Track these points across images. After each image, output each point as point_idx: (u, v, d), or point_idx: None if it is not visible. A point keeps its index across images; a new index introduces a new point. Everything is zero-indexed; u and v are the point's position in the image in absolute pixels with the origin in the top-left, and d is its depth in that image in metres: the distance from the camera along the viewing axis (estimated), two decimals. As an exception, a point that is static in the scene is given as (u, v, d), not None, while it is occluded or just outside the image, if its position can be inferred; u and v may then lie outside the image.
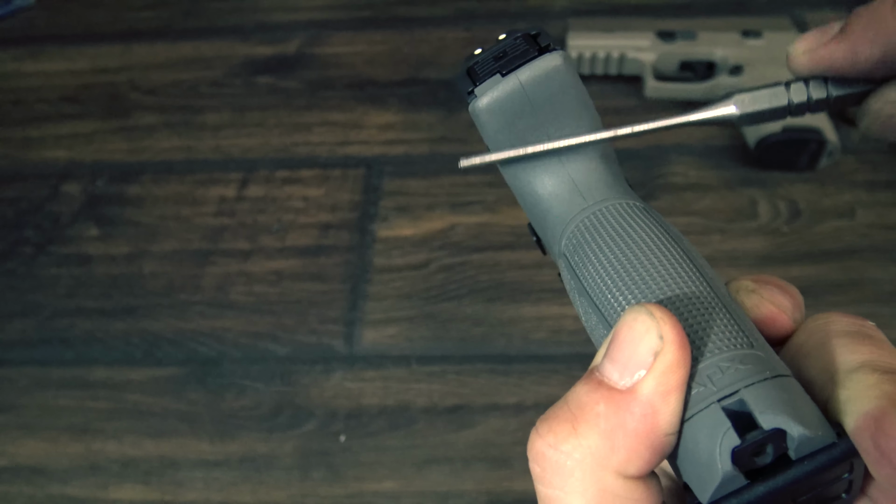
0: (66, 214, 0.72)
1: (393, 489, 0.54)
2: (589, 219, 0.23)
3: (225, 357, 0.61)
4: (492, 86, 0.23)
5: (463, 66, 0.25)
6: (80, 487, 0.56)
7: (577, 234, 0.22)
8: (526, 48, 0.23)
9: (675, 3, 0.85)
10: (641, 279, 0.19)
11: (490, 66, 0.24)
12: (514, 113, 0.23)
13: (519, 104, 0.23)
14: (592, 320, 0.21)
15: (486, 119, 0.23)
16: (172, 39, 0.88)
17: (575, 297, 0.22)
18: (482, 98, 0.23)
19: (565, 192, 0.24)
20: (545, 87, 0.23)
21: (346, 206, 0.70)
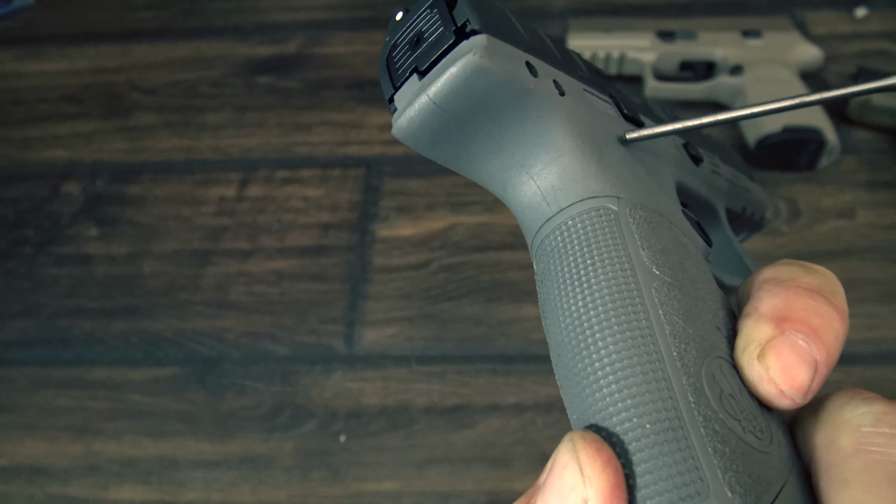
0: (66, 214, 0.72)
1: (393, 489, 0.54)
2: (554, 234, 0.19)
3: (225, 357, 0.61)
4: (409, 96, 0.19)
5: (383, 50, 0.20)
6: (79, 487, 0.56)
7: (542, 255, 0.19)
8: (441, 28, 0.18)
9: (675, 3, 0.85)
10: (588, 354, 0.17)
11: (407, 55, 0.19)
12: (439, 130, 0.19)
13: (439, 120, 0.19)
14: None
15: (413, 144, 0.19)
16: (172, 39, 0.88)
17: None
18: (398, 119, 0.19)
19: (529, 198, 0.20)
20: (465, 94, 0.18)
21: (346, 206, 0.70)
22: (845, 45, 0.79)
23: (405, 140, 0.19)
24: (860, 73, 0.70)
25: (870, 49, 0.78)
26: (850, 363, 0.56)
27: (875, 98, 0.68)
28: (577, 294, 0.17)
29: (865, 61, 0.76)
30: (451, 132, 0.19)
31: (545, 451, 0.54)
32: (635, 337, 0.16)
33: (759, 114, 0.19)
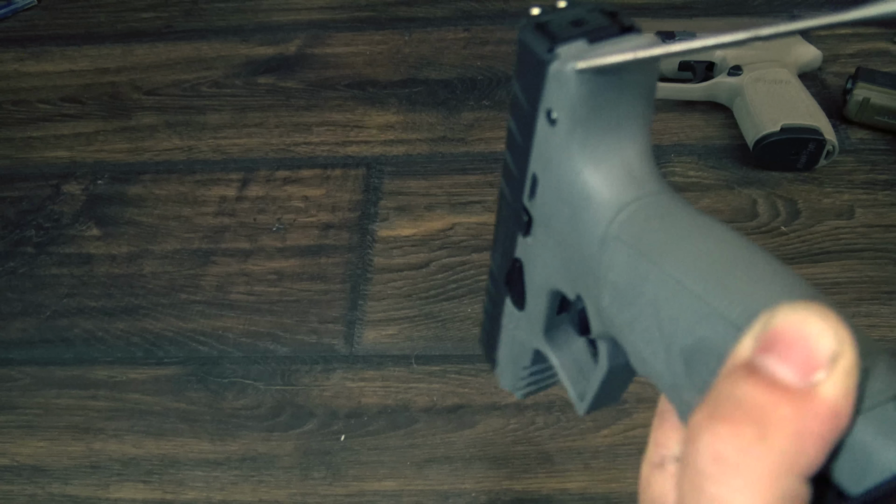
0: (67, 214, 0.73)
1: (393, 489, 0.54)
2: (647, 207, 0.22)
3: (225, 357, 0.62)
4: (580, 50, 0.21)
5: (528, 22, 0.23)
6: (80, 487, 0.56)
7: (637, 220, 0.21)
8: (607, 23, 0.22)
9: (675, 3, 0.85)
10: (757, 270, 0.18)
11: (567, 30, 0.22)
12: (604, 86, 0.22)
13: (611, 79, 0.22)
14: (680, 305, 0.19)
15: (576, 84, 0.21)
16: (173, 40, 0.89)
17: (638, 283, 0.21)
18: (576, 61, 0.21)
19: (620, 178, 0.22)
20: (638, 69, 0.22)
21: (346, 206, 0.71)
22: (845, 45, 0.79)
23: (574, 78, 0.21)
24: (859, 73, 0.70)
25: (869, 49, 0.78)
26: (849, 363, 0.57)
27: (874, 98, 0.68)
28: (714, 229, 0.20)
29: (865, 61, 0.76)
30: (608, 90, 0.22)
31: (545, 451, 0.55)
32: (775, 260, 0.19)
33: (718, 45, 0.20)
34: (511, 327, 0.32)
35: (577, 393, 0.29)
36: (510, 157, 0.27)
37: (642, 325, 0.20)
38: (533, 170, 0.25)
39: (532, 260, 0.27)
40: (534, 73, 0.22)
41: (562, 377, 0.30)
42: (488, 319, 0.34)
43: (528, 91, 0.23)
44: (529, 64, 0.23)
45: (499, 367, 0.35)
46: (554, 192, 0.24)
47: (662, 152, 0.71)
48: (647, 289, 0.20)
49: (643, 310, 0.20)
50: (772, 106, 0.67)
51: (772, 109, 0.67)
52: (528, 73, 0.23)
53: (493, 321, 0.33)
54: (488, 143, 0.74)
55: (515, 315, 0.31)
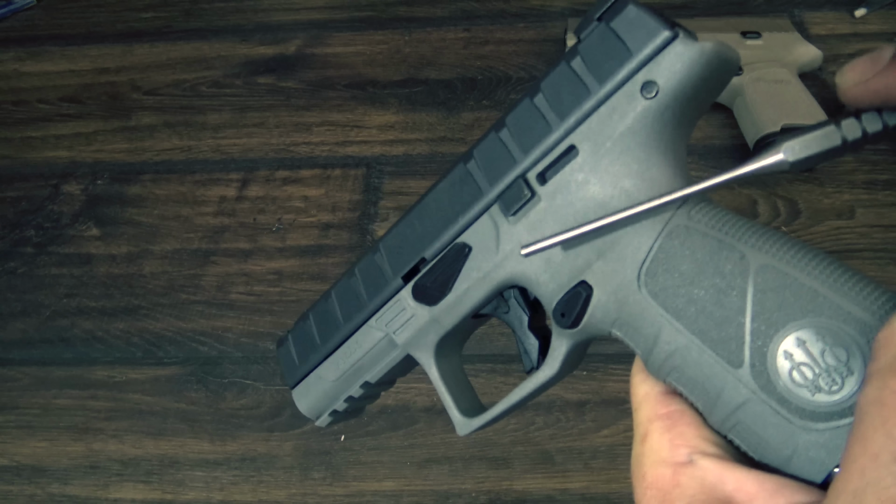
0: (67, 214, 0.73)
1: (393, 489, 0.54)
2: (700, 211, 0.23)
3: (225, 357, 0.61)
4: (693, 36, 0.23)
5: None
6: (80, 487, 0.56)
7: (705, 210, 0.23)
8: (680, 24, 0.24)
9: (675, 3, 0.85)
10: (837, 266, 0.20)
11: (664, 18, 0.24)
12: (709, 72, 0.24)
13: (715, 67, 0.24)
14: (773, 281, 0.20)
15: (699, 65, 0.23)
16: (173, 40, 0.88)
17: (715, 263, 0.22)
18: (701, 42, 0.23)
19: (685, 166, 0.24)
20: (729, 65, 0.24)
21: (346, 205, 0.71)
22: (844, 44, 0.79)
23: (707, 58, 0.23)
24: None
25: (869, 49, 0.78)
26: (849, 363, 0.57)
27: None
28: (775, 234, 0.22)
29: (865, 61, 0.76)
30: (709, 76, 0.24)
31: (545, 451, 0.54)
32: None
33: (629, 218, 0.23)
34: (386, 328, 0.30)
35: (460, 410, 0.29)
36: (518, 137, 0.26)
37: (716, 307, 0.21)
38: (573, 142, 0.25)
39: (496, 245, 0.27)
40: (643, 44, 0.23)
41: (441, 390, 0.29)
42: (322, 330, 0.32)
43: (614, 64, 0.24)
44: (637, 35, 0.23)
45: (305, 386, 0.33)
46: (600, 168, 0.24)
47: (662, 152, 0.71)
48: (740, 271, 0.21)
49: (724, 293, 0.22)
50: (772, 106, 0.67)
51: (772, 109, 0.67)
52: (624, 46, 0.24)
53: (332, 331, 0.31)
54: (488, 143, 0.74)
55: (409, 311, 0.29)
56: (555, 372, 0.26)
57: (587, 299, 0.24)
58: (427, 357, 0.29)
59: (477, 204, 0.27)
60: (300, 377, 0.33)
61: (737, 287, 0.21)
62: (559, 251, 0.25)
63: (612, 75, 0.24)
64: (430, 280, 0.28)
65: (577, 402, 0.56)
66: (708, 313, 0.21)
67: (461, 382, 0.30)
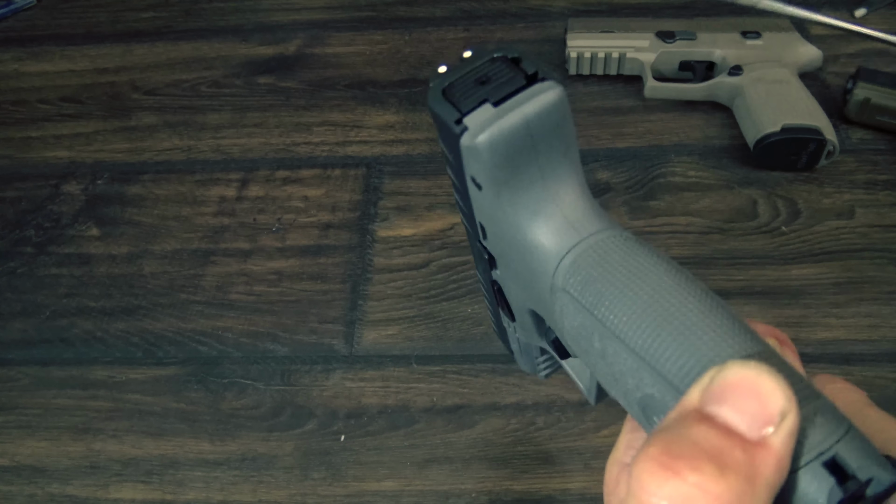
0: (67, 214, 0.73)
1: (393, 489, 0.54)
2: (587, 252, 0.22)
3: (225, 357, 0.61)
4: (486, 118, 0.21)
5: (435, 87, 0.22)
6: (80, 487, 0.56)
7: (580, 269, 0.22)
8: (511, 74, 0.21)
9: (675, 3, 0.85)
10: (691, 323, 0.19)
11: (473, 91, 0.22)
12: (516, 149, 0.21)
13: (521, 139, 0.21)
14: (625, 363, 0.20)
15: (488, 156, 0.21)
16: (173, 40, 0.88)
17: (586, 335, 0.21)
18: (482, 133, 0.21)
19: (556, 226, 0.23)
20: (546, 121, 0.21)
21: (346, 205, 0.71)
22: (845, 44, 0.79)
23: (486, 150, 0.21)
24: (859, 73, 0.70)
25: (870, 49, 0.78)
26: (850, 363, 0.57)
27: (875, 98, 0.68)
28: (655, 275, 0.20)
29: (865, 61, 0.76)
30: (522, 151, 0.21)
31: (545, 451, 0.54)
32: (717, 302, 0.20)
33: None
34: (511, 330, 0.33)
35: (584, 385, 0.30)
36: (461, 204, 0.26)
37: (600, 371, 0.22)
38: (479, 220, 0.25)
39: (506, 286, 0.28)
40: (450, 144, 0.22)
41: (568, 372, 0.31)
42: (493, 319, 0.35)
43: (453, 157, 0.23)
44: (445, 134, 0.22)
45: (516, 355, 0.36)
46: (501, 241, 0.25)
47: (663, 152, 0.71)
48: (595, 343, 0.21)
49: (596, 360, 0.21)
50: (772, 106, 0.67)
51: (772, 109, 0.67)
52: (446, 142, 0.23)
53: (497, 321, 0.35)
54: (488, 143, 0.74)
55: (512, 325, 0.32)
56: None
57: (557, 340, 0.27)
58: (545, 345, 0.31)
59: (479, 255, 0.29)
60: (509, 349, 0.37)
61: (599, 359, 0.21)
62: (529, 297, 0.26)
63: (455, 167, 0.23)
64: (502, 306, 0.31)
65: (577, 402, 0.56)
66: (596, 373, 0.22)
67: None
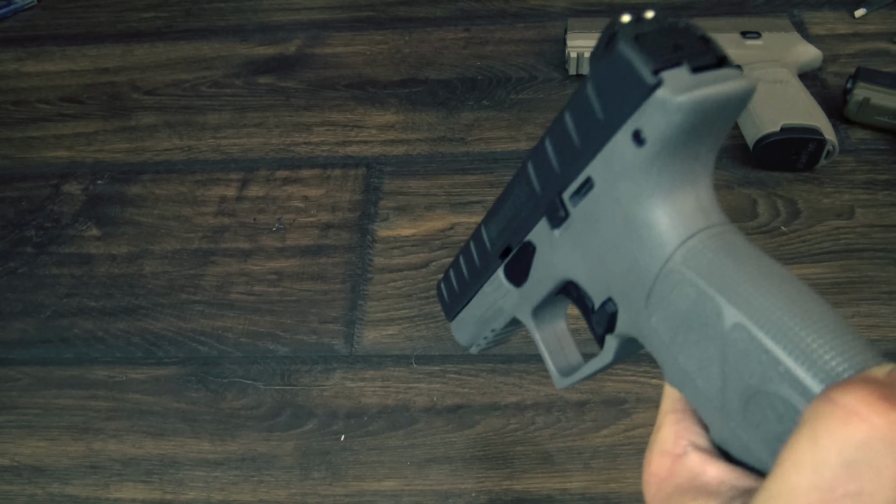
0: (67, 214, 0.73)
1: (393, 488, 0.54)
2: (714, 239, 0.22)
3: (225, 357, 0.62)
4: (687, 80, 0.21)
5: (626, 31, 0.22)
6: (80, 487, 0.56)
7: (706, 252, 0.22)
8: (704, 49, 0.21)
9: (675, 4, 0.85)
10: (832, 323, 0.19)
11: (667, 50, 0.21)
12: (703, 120, 0.21)
13: (712, 113, 0.21)
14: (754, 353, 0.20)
15: (681, 116, 0.21)
16: (173, 40, 0.89)
17: (704, 317, 0.21)
18: (687, 92, 0.20)
19: (690, 208, 0.23)
20: (733, 107, 0.22)
21: (346, 205, 0.71)
22: (844, 44, 0.79)
23: (686, 110, 0.21)
24: (859, 73, 0.70)
25: (869, 49, 0.78)
26: (849, 363, 0.57)
27: (874, 98, 0.68)
28: (785, 272, 0.21)
29: (865, 61, 0.76)
30: (705, 123, 0.22)
31: (545, 451, 0.55)
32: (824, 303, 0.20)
33: None
34: (493, 296, 0.33)
35: (556, 366, 0.31)
36: (556, 152, 0.26)
37: (700, 353, 0.21)
38: (590, 174, 0.24)
39: (552, 250, 0.28)
40: (631, 91, 0.22)
41: (542, 350, 0.32)
42: (459, 281, 0.36)
43: (615, 104, 0.22)
44: (625, 78, 0.22)
45: (457, 322, 0.37)
46: (614, 202, 0.24)
47: (662, 152, 0.71)
48: (717, 325, 0.21)
49: (706, 341, 0.21)
50: (772, 106, 0.67)
51: (772, 109, 0.67)
52: (619, 86, 0.22)
53: (465, 284, 0.35)
54: (488, 143, 0.74)
55: (505, 288, 0.32)
56: (608, 361, 0.27)
57: (613, 315, 0.25)
58: (528, 320, 0.32)
59: (534, 208, 0.28)
60: (452, 316, 0.38)
61: (712, 342, 0.21)
62: (595, 267, 0.26)
63: (612, 114, 0.23)
64: (514, 266, 0.31)
65: (577, 402, 0.57)
66: (692, 357, 0.22)
67: (563, 341, 0.32)
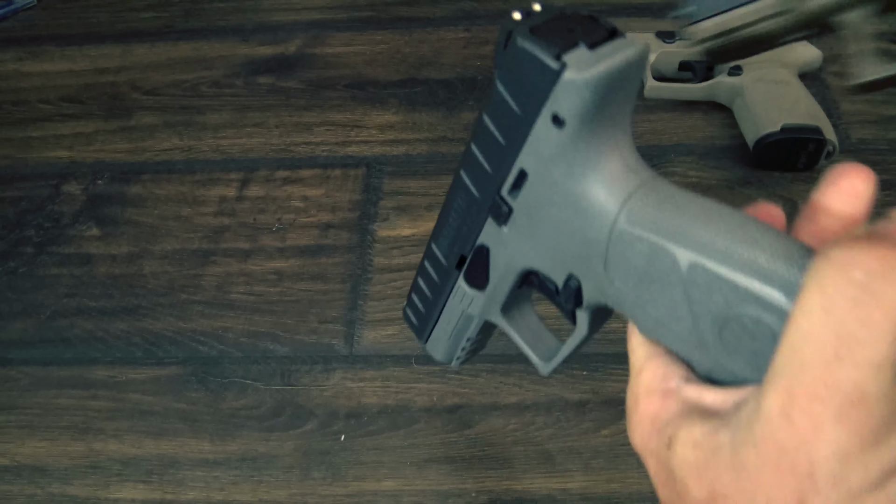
0: (67, 214, 0.73)
1: (393, 488, 0.54)
2: (650, 193, 0.24)
3: (225, 357, 0.62)
4: (586, 57, 0.22)
5: (522, 27, 0.23)
6: (81, 487, 0.56)
7: (647, 207, 0.23)
8: (594, 27, 0.23)
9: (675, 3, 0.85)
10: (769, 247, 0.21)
11: (562, 35, 0.23)
12: (610, 89, 0.23)
13: (616, 82, 0.23)
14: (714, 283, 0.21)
15: (589, 92, 0.22)
16: (173, 40, 0.88)
17: (661, 267, 0.22)
18: (589, 69, 0.22)
19: (619, 171, 0.24)
20: (633, 71, 0.23)
21: (346, 205, 0.71)
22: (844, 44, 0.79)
23: (592, 85, 0.22)
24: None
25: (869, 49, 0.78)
26: (849, 363, 0.57)
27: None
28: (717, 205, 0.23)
29: (865, 61, 0.76)
30: (612, 92, 0.23)
31: (545, 451, 0.55)
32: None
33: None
34: (460, 306, 0.34)
35: (537, 355, 0.33)
36: (483, 154, 0.28)
37: (666, 300, 0.23)
38: (521, 166, 0.26)
39: (504, 246, 0.29)
40: (540, 79, 0.23)
41: (520, 344, 0.33)
42: (423, 300, 0.37)
43: (528, 96, 0.24)
44: (531, 70, 0.23)
45: (432, 341, 0.39)
46: (550, 185, 0.25)
47: (663, 152, 0.71)
48: (674, 270, 0.22)
49: (669, 288, 0.22)
50: (772, 106, 0.67)
51: (772, 109, 0.67)
52: (527, 78, 0.24)
53: (430, 303, 0.36)
54: (488, 143, 0.74)
55: (470, 295, 0.33)
56: (584, 334, 0.29)
57: (578, 289, 0.27)
58: (499, 320, 0.33)
59: (478, 212, 0.30)
60: (425, 337, 0.39)
61: (674, 287, 0.22)
62: (549, 250, 0.27)
63: (527, 106, 0.24)
64: (474, 271, 0.32)
65: (577, 402, 0.57)
66: (660, 306, 0.23)
67: (536, 330, 0.34)
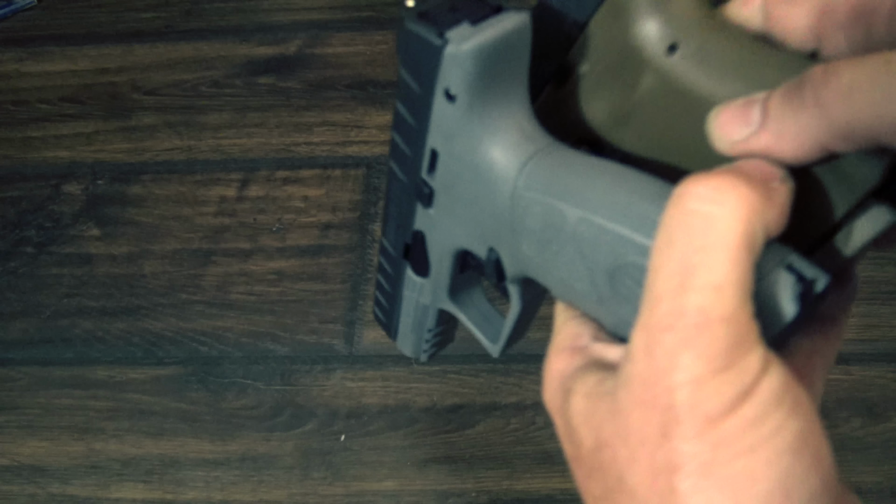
0: (68, 214, 0.73)
1: (393, 488, 0.54)
2: (546, 158, 0.25)
3: (226, 356, 0.62)
4: (468, 32, 0.24)
5: (409, 14, 0.25)
6: (81, 486, 0.56)
7: (542, 170, 0.24)
8: (479, 5, 0.24)
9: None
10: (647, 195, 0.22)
11: (447, 15, 0.24)
12: (494, 60, 0.24)
13: (499, 52, 0.24)
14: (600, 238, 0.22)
15: (471, 63, 0.24)
16: (173, 40, 0.89)
17: (555, 226, 0.24)
18: (468, 41, 0.23)
19: (517, 139, 0.25)
20: (517, 41, 0.24)
21: (346, 205, 0.71)
22: (845, 45, 0.79)
23: (469, 59, 0.23)
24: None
25: (869, 49, 0.78)
26: (849, 363, 0.57)
27: None
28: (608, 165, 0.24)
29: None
30: (496, 67, 0.24)
31: (545, 451, 0.55)
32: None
33: None
34: (414, 296, 0.35)
35: (487, 338, 0.34)
36: (402, 139, 0.29)
37: (565, 257, 0.24)
38: (431, 146, 0.27)
39: (434, 228, 0.30)
40: (427, 58, 0.25)
41: (471, 328, 0.34)
42: (385, 296, 0.38)
43: (422, 75, 0.25)
44: (421, 50, 0.25)
45: (400, 336, 0.39)
46: (457, 161, 0.27)
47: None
48: (566, 228, 0.24)
49: (564, 245, 0.24)
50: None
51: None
52: (420, 59, 0.25)
53: (390, 297, 0.37)
54: (488, 143, 0.74)
55: (418, 283, 0.34)
56: (518, 308, 0.30)
57: (498, 261, 0.28)
58: (449, 305, 0.34)
59: (409, 198, 0.31)
60: (394, 333, 0.40)
61: (568, 244, 0.24)
62: (469, 226, 0.28)
63: (424, 85, 0.26)
64: (416, 259, 0.33)
65: (577, 402, 0.57)
66: (561, 266, 0.24)
67: (487, 314, 0.35)
